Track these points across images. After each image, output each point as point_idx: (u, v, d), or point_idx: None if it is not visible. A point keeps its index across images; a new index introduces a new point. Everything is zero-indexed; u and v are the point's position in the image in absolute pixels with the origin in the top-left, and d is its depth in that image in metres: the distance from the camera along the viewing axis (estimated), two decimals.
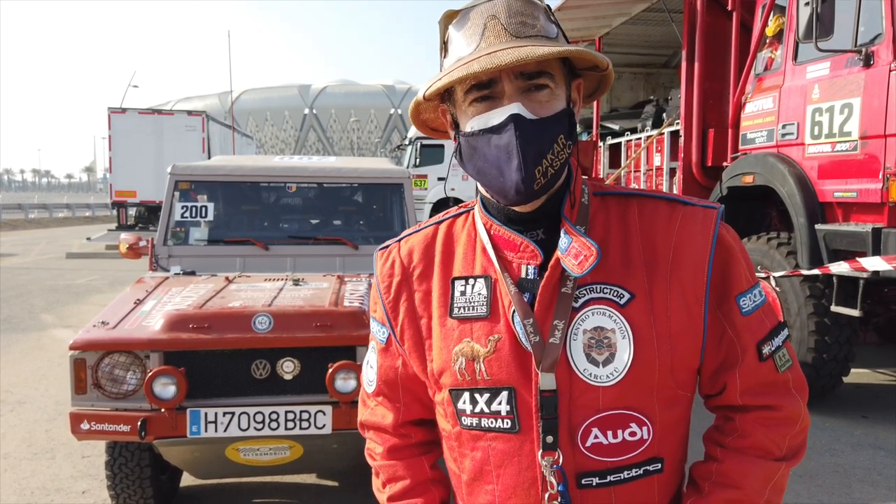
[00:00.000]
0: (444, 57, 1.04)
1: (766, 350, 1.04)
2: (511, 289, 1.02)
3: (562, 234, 1.02)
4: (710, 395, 1.09)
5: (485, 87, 0.97)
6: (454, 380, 1.05)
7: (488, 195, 1.08)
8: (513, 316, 1.02)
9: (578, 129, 1.07)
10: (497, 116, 0.97)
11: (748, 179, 5.38)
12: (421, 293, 1.11)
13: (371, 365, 1.21)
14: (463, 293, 1.07)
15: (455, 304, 1.07)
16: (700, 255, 1.01)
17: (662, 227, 1.03)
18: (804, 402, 1.06)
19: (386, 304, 1.14)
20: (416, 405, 1.17)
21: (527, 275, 1.03)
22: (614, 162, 8.64)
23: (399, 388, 1.17)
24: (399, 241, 1.17)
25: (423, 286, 1.11)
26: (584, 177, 1.12)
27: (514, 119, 0.95)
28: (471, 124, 1.00)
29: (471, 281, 1.07)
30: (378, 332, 1.18)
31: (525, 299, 1.02)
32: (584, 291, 1.01)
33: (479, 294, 1.06)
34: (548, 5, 1.03)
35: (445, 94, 1.04)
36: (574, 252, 0.99)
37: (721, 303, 1.03)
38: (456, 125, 1.05)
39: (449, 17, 1.03)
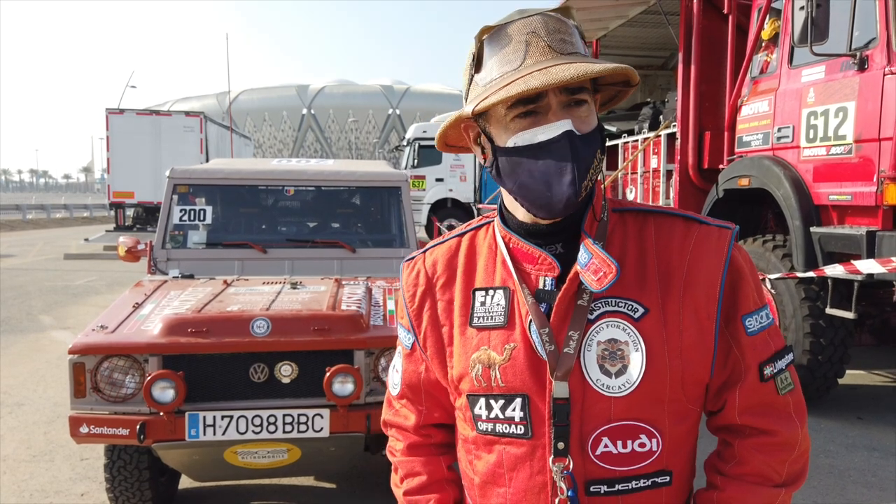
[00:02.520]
0: (477, 72, 1.04)
1: (767, 371, 1.06)
2: (528, 299, 1.06)
3: (581, 249, 1.04)
4: (712, 411, 1.11)
5: (531, 103, 0.99)
6: (471, 386, 1.09)
7: (513, 208, 1.10)
8: (529, 325, 1.05)
9: None
10: (547, 132, 0.99)
11: (744, 182, 5.41)
12: (444, 303, 1.15)
13: (396, 369, 1.26)
14: (483, 303, 1.11)
15: (475, 314, 1.11)
16: (714, 273, 1.04)
17: (678, 245, 1.06)
18: (803, 426, 1.08)
19: (410, 312, 1.18)
20: (437, 409, 1.22)
21: (544, 286, 1.07)
22: (611, 164, 8.65)
23: (422, 392, 1.22)
24: (424, 252, 1.22)
25: (446, 296, 1.15)
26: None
27: (569, 135, 0.98)
28: (514, 140, 1.01)
29: (490, 292, 1.11)
30: (404, 338, 1.23)
31: (542, 309, 1.05)
32: (600, 304, 1.04)
33: (498, 304, 1.09)
34: (577, 24, 1.06)
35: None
36: (594, 268, 1.01)
37: (728, 322, 1.06)
38: (490, 140, 1.06)
39: (483, 33, 1.04)
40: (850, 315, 4.49)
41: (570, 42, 1.01)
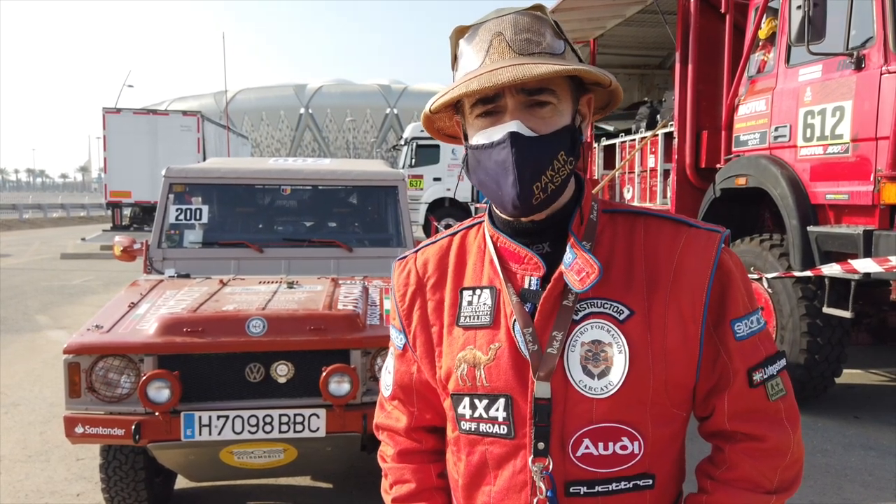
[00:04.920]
0: (455, 70, 1.06)
1: (756, 377, 1.04)
2: (513, 298, 1.05)
3: (567, 249, 1.04)
4: (702, 417, 1.10)
5: (489, 102, 1.00)
6: (456, 385, 1.09)
7: (494, 207, 1.11)
8: (513, 325, 1.04)
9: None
10: (497, 133, 0.99)
11: (741, 181, 5.41)
12: (434, 302, 1.15)
13: (389, 370, 1.25)
14: (470, 303, 1.11)
15: (462, 314, 1.11)
16: (700, 276, 1.03)
17: (666, 248, 1.05)
18: (796, 432, 1.06)
19: (401, 312, 1.18)
20: (429, 411, 1.21)
21: (529, 286, 1.06)
22: (609, 163, 8.66)
23: (413, 393, 1.21)
24: (416, 252, 1.22)
25: (437, 296, 1.15)
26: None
27: (511, 136, 0.98)
28: (476, 138, 1.03)
29: (477, 291, 1.11)
30: (396, 338, 1.22)
31: (526, 309, 1.05)
32: (585, 305, 1.03)
33: (485, 304, 1.09)
34: (555, 21, 1.04)
35: (458, 106, 1.07)
36: (577, 268, 1.01)
37: (717, 326, 1.05)
38: (465, 136, 1.08)
39: (460, 33, 1.06)
40: (847, 314, 4.49)
41: (537, 42, 0.99)
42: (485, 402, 1.06)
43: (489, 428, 1.06)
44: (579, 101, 1.05)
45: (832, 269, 4.48)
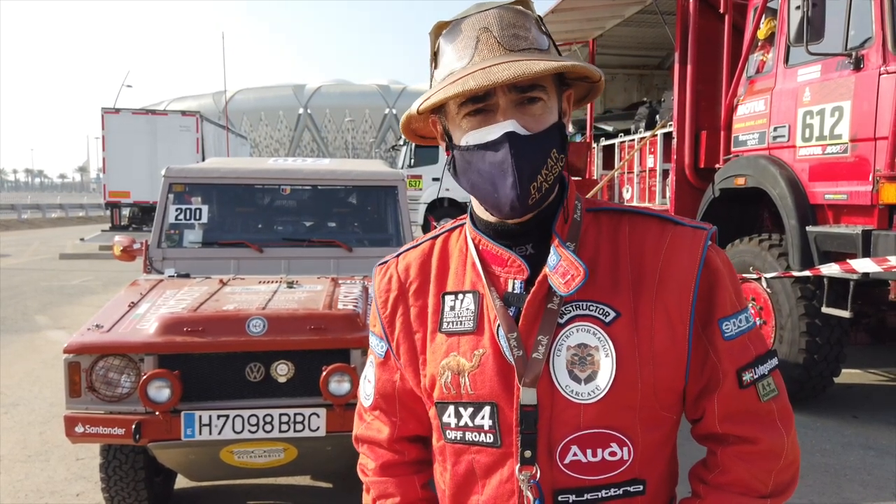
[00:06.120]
0: (436, 68, 1.03)
1: (746, 377, 1.01)
2: (496, 303, 1.02)
3: (551, 251, 1.01)
4: (693, 420, 1.07)
5: (479, 101, 0.96)
6: (440, 393, 1.06)
7: (479, 209, 1.08)
8: (497, 330, 1.02)
9: (573, 130, 1.06)
10: (492, 133, 0.96)
11: (740, 181, 5.42)
12: (417, 309, 1.11)
13: (369, 379, 1.21)
14: (452, 308, 1.07)
15: (444, 319, 1.08)
16: (687, 276, 1.00)
17: (651, 247, 1.02)
18: (790, 434, 1.03)
19: (383, 319, 1.15)
20: (412, 421, 1.18)
21: (513, 289, 1.03)
22: (608, 163, 8.68)
23: (396, 403, 1.17)
24: (397, 256, 1.18)
25: (420, 302, 1.11)
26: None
27: (510, 137, 0.95)
28: (466, 139, 0.99)
29: (460, 296, 1.08)
30: (377, 346, 1.18)
31: (510, 313, 1.02)
32: (570, 308, 1.00)
33: (467, 309, 1.06)
34: (538, 16, 1.02)
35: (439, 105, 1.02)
36: (562, 271, 0.98)
37: (705, 326, 1.02)
38: (448, 137, 1.04)
39: (439, 28, 1.02)
40: (845, 314, 4.50)
41: (525, 37, 0.97)
42: (470, 410, 1.03)
43: (475, 436, 1.03)
44: (562, 96, 1.03)
45: (831, 269, 4.49)
